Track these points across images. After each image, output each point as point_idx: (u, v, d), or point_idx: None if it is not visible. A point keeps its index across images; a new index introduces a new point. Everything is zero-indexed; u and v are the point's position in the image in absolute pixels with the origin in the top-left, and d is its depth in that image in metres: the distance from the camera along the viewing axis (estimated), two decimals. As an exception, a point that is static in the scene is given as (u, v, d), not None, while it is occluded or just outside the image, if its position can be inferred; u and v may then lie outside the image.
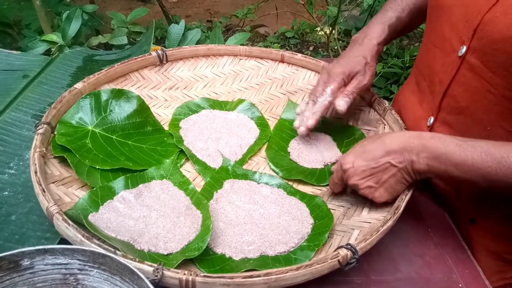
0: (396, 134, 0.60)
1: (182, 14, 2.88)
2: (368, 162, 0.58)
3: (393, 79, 2.00)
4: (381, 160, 0.57)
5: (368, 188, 0.59)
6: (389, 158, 0.57)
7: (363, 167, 0.58)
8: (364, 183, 0.59)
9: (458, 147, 0.53)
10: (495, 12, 0.55)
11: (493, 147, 0.52)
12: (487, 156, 0.51)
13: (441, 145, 0.54)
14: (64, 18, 1.31)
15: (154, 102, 0.80)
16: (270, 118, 0.81)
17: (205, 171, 0.68)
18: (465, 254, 0.62)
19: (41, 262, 0.44)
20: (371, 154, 0.58)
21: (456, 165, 0.53)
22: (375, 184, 0.59)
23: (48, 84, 0.88)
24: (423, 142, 0.55)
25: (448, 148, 0.54)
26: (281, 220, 0.60)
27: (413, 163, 0.56)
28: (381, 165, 0.58)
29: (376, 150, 0.58)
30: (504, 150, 0.51)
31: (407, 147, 0.56)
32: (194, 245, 0.54)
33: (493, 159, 0.51)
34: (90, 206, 0.58)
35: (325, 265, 0.49)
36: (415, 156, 0.56)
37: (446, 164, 0.54)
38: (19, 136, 0.74)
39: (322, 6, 2.79)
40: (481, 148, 0.52)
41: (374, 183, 0.59)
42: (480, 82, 0.58)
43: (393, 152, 0.57)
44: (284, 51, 0.88)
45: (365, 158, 0.59)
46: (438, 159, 0.54)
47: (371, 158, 0.58)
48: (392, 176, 0.58)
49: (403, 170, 0.57)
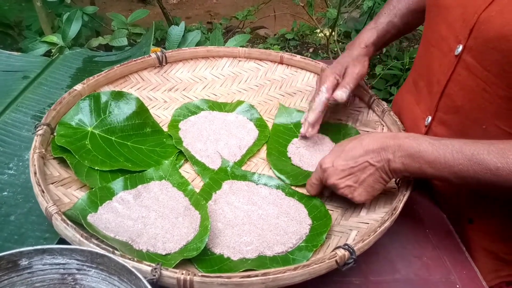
0: (373, 135, 0.61)
1: (182, 15, 2.88)
2: (347, 162, 0.59)
3: (393, 81, 2.01)
4: (360, 159, 0.58)
5: (347, 187, 0.60)
6: (367, 157, 0.58)
7: (342, 166, 0.59)
8: (343, 182, 0.60)
9: (431, 146, 0.54)
10: (491, 11, 0.55)
11: (464, 145, 0.53)
12: (458, 154, 0.52)
13: (415, 144, 0.55)
14: (65, 20, 1.32)
15: (154, 103, 0.80)
16: (269, 119, 0.81)
17: (204, 172, 0.69)
18: (463, 256, 0.63)
19: (39, 262, 0.44)
20: (350, 153, 0.59)
21: (429, 163, 0.54)
22: (354, 184, 0.59)
23: (48, 85, 0.88)
24: (398, 142, 0.57)
25: (421, 147, 0.55)
26: (279, 221, 0.60)
27: (390, 162, 0.57)
28: (360, 164, 0.59)
29: (355, 150, 0.59)
30: (475, 148, 0.52)
31: (384, 146, 0.57)
32: (192, 245, 0.54)
33: (464, 157, 0.52)
34: (89, 206, 0.58)
35: (323, 265, 0.49)
36: (391, 155, 0.57)
37: (420, 162, 0.55)
38: (18, 137, 0.74)
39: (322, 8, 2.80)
40: (453, 146, 0.53)
41: (353, 183, 0.59)
42: (475, 81, 0.59)
43: (371, 152, 0.58)
44: (283, 53, 0.89)
45: (344, 157, 0.60)
46: (412, 157, 0.55)
47: (350, 158, 0.59)
48: (371, 175, 0.58)
49: (380, 169, 0.58)
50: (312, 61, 0.87)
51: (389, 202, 0.63)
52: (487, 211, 0.65)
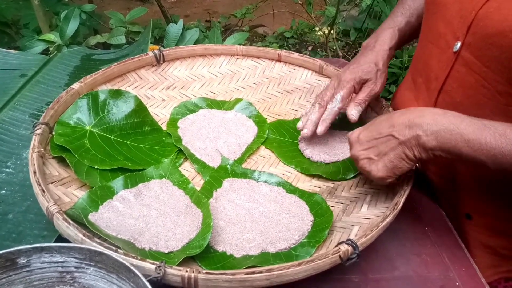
0: (409, 109, 0.57)
1: (180, 14, 2.88)
2: (372, 133, 0.57)
3: (392, 79, 2.01)
4: (384, 131, 0.56)
5: (367, 159, 0.57)
6: (392, 129, 0.55)
7: (367, 137, 0.58)
8: (363, 154, 0.58)
9: (472, 124, 0.51)
10: (489, 7, 0.55)
11: (508, 129, 0.50)
12: (501, 137, 0.50)
13: (454, 120, 0.52)
14: (62, 18, 1.31)
15: (152, 102, 0.80)
16: (267, 117, 0.81)
17: (204, 170, 0.69)
18: (462, 253, 0.63)
19: (37, 260, 0.44)
20: (377, 126, 0.58)
21: (468, 141, 0.51)
22: (375, 157, 0.57)
23: (46, 83, 0.88)
24: (435, 116, 0.53)
25: (462, 123, 0.52)
26: (281, 218, 0.60)
27: (419, 137, 0.53)
28: (384, 136, 0.56)
29: (384, 122, 0.57)
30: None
31: (416, 120, 0.54)
32: (195, 243, 0.54)
33: (507, 140, 0.49)
34: (89, 206, 0.58)
35: (327, 260, 0.49)
36: (422, 131, 0.53)
37: (457, 139, 0.51)
38: (16, 135, 0.74)
39: (320, 6, 2.79)
40: (496, 129, 0.50)
41: (374, 155, 0.57)
42: (474, 77, 0.59)
43: (399, 125, 0.55)
44: (281, 51, 0.88)
45: (371, 129, 0.58)
46: (451, 132, 0.51)
47: (375, 129, 0.57)
48: (392, 149, 0.55)
49: (404, 143, 0.54)
50: (310, 59, 0.87)
51: (390, 197, 0.63)
52: (486, 207, 0.65)
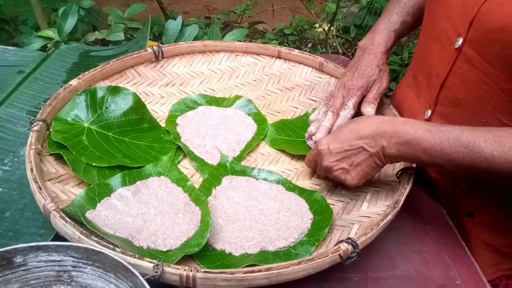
0: (370, 119, 0.61)
1: (180, 10, 2.86)
2: (342, 145, 0.60)
3: (392, 76, 2.00)
4: (355, 143, 0.59)
5: (341, 170, 0.60)
6: (362, 142, 0.58)
7: (337, 149, 0.60)
8: (337, 165, 0.60)
9: (428, 133, 0.54)
10: (491, 3, 0.55)
11: (461, 133, 0.52)
12: (454, 142, 0.52)
13: (411, 130, 0.55)
14: (60, 14, 1.30)
15: (150, 98, 0.79)
16: (267, 114, 0.81)
17: (203, 167, 0.68)
18: (463, 251, 0.62)
19: (34, 259, 0.44)
20: (345, 136, 0.60)
21: (425, 150, 0.54)
22: (348, 167, 0.60)
23: (44, 80, 0.87)
24: (394, 127, 0.56)
25: (418, 133, 0.54)
26: (280, 216, 0.60)
27: (384, 148, 0.57)
28: (355, 148, 0.59)
29: (351, 133, 0.60)
30: (472, 135, 0.51)
31: (379, 132, 0.57)
32: (193, 241, 0.54)
33: (460, 144, 0.52)
34: (87, 203, 0.57)
35: (327, 259, 0.49)
36: (386, 141, 0.57)
37: (415, 149, 0.55)
38: (13, 133, 0.74)
39: (320, 3, 2.78)
40: (450, 134, 0.53)
41: (347, 165, 0.60)
42: (476, 74, 0.59)
43: (366, 137, 0.58)
44: (281, 47, 0.88)
45: (340, 140, 0.60)
46: (408, 144, 0.55)
47: (345, 141, 0.60)
48: (364, 160, 0.59)
49: (374, 155, 0.58)
50: (310, 55, 0.87)
51: (390, 195, 0.62)
52: (487, 205, 0.65)
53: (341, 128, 0.62)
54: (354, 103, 0.71)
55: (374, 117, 0.64)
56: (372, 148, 0.58)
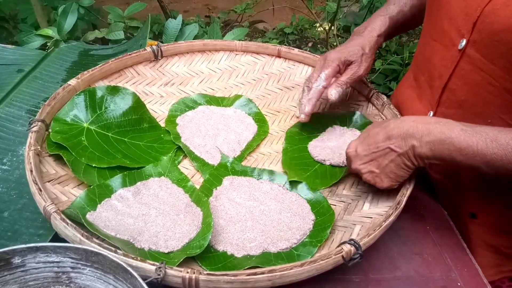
0: (401, 119, 0.59)
1: (180, 9, 2.85)
2: (369, 147, 0.58)
3: (392, 76, 2.00)
4: (382, 144, 0.57)
5: (370, 173, 0.59)
6: (389, 143, 0.57)
7: (365, 151, 0.59)
8: (365, 168, 0.59)
9: (463, 132, 0.52)
10: (495, 4, 0.54)
11: (499, 134, 0.51)
12: (492, 143, 0.50)
13: (446, 129, 0.53)
14: (60, 12, 1.30)
15: (150, 98, 0.79)
16: (267, 113, 0.80)
17: (203, 168, 0.68)
18: (464, 253, 0.62)
19: (32, 260, 0.43)
20: (373, 138, 0.58)
21: (460, 150, 0.52)
22: (376, 169, 0.58)
23: (43, 79, 0.87)
24: (428, 126, 0.54)
25: (453, 132, 0.53)
26: (282, 217, 0.60)
27: (415, 148, 0.55)
28: (382, 149, 0.57)
29: (379, 135, 0.58)
30: (511, 136, 0.50)
31: (410, 131, 0.55)
32: (195, 242, 0.53)
33: (498, 146, 0.50)
34: (87, 204, 0.57)
35: (329, 261, 0.48)
36: (417, 141, 0.54)
37: (450, 149, 0.53)
38: (12, 132, 0.73)
39: (321, 2, 2.78)
40: (487, 134, 0.51)
41: (375, 168, 0.59)
42: (480, 75, 0.58)
43: (394, 137, 0.56)
44: (281, 46, 0.87)
45: (367, 142, 0.59)
46: (443, 143, 0.53)
47: (372, 143, 0.58)
48: (392, 161, 0.57)
49: (403, 155, 0.56)
50: (310, 55, 0.86)
51: (392, 196, 0.62)
52: (491, 206, 0.64)
53: (369, 130, 0.61)
54: (327, 74, 0.68)
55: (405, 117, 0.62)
56: (400, 148, 0.56)
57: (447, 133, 0.53)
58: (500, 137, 0.50)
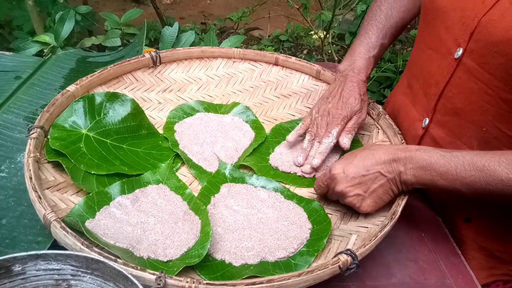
0: (385, 146, 0.62)
1: (176, 16, 2.87)
2: (358, 169, 0.59)
3: (386, 84, 2.02)
4: (372, 168, 0.59)
5: (356, 196, 0.60)
6: (379, 167, 0.59)
7: (354, 174, 0.59)
8: (352, 191, 0.60)
9: (442, 158, 0.55)
10: (492, 15, 0.55)
11: (475, 157, 0.53)
12: (469, 166, 0.53)
13: (426, 156, 0.56)
14: (57, 19, 1.30)
15: (148, 104, 0.80)
16: (264, 121, 0.81)
17: (201, 175, 0.68)
18: (459, 260, 0.63)
19: (33, 268, 0.43)
20: (362, 162, 0.60)
21: (441, 175, 0.55)
22: (363, 193, 0.59)
23: (41, 85, 0.87)
24: (409, 154, 0.57)
25: (432, 158, 0.56)
26: (279, 225, 0.60)
27: (401, 174, 0.58)
28: (372, 173, 0.59)
29: (367, 159, 0.59)
30: (486, 159, 0.53)
31: (395, 158, 0.58)
32: (194, 251, 0.53)
33: (475, 168, 0.53)
34: (86, 212, 0.57)
35: (326, 270, 0.49)
36: (403, 167, 0.57)
37: (432, 174, 0.56)
38: (10, 139, 0.73)
39: (316, 10, 2.80)
40: (464, 158, 0.54)
41: (362, 192, 0.59)
42: (476, 84, 0.59)
43: (383, 163, 0.59)
44: (278, 54, 0.88)
45: (356, 165, 0.60)
46: (424, 169, 0.56)
47: (361, 166, 0.59)
48: (381, 186, 0.59)
49: (391, 180, 0.59)
50: (307, 63, 0.87)
51: (388, 206, 0.63)
52: (486, 210, 0.65)
53: (355, 153, 0.62)
54: (338, 131, 0.70)
55: (389, 145, 0.65)
56: (389, 173, 0.58)
57: (428, 160, 0.56)
58: (476, 160, 0.53)
